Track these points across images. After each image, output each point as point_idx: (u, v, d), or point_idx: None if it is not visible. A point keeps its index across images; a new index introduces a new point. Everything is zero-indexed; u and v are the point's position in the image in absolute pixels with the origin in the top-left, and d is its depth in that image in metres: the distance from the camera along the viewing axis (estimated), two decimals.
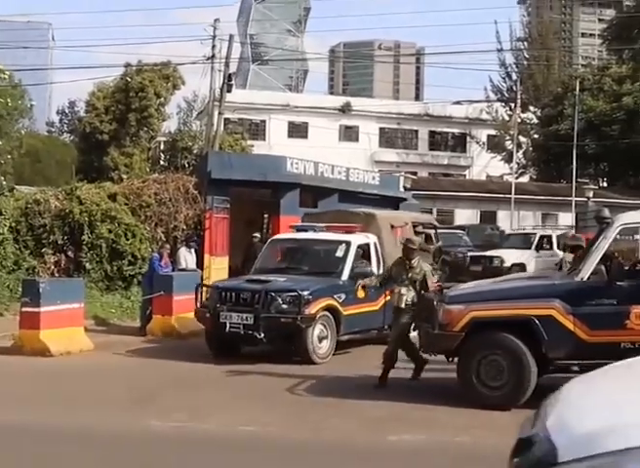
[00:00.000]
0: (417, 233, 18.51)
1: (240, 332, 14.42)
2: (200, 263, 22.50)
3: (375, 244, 16.60)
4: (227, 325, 14.43)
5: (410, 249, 12.72)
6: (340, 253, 16.04)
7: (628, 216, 11.23)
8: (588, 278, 10.48)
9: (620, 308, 10.28)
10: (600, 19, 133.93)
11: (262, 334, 14.19)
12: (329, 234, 16.91)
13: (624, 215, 11.16)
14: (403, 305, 12.37)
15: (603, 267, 10.37)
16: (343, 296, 15.05)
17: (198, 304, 15.65)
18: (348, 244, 16.16)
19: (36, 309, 14.89)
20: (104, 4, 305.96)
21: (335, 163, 28.50)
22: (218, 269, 23.61)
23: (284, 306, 14.40)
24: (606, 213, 11.57)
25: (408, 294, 12.41)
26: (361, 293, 15.05)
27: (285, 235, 19.32)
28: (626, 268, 11.63)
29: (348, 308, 15.05)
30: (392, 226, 17.31)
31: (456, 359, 11.05)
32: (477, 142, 70.41)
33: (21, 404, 10.78)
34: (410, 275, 12.54)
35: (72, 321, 15.53)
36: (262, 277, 15.45)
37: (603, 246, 10.61)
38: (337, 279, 15.54)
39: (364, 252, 16.28)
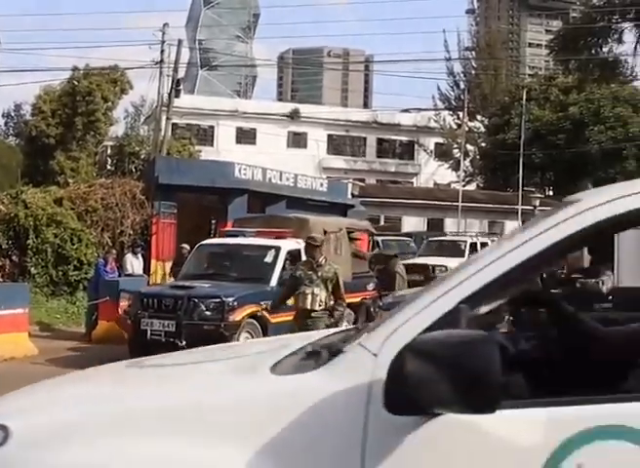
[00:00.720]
0: (352, 239, 18.47)
1: (162, 340, 14.04)
2: (147, 269, 22.47)
3: None
4: (149, 332, 14.15)
5: (313, 246, 11.76)
6: (268, 259, 15.56)
7: None
8: None
9: None
10: (547, 30, 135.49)
11: (184, 342, 13.67)
12: (258, 239, 16.45)
13: None
14: (317, 306, 11.43)
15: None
16: (271, 303, 14.22)
17: (120, 311, 15.44)
18: (278, 249, 15.72)
19: None
20: (52, 7, 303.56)
21: (283, 169, 28.61)
22: (164, 275, 23.59)
23: (207, 313, 14.02)
24: None
25: (321, 294, 11.48)
26: (291, 300, 14.32)
27: (213, 240, 19.04)
28: (561, 277, 11.83)
29: (277, 316, 14.20)
30: (325, 232, 16.68)
31: None
32: (425, 150, 70.91)
33: None
34: (320, 274, 11.55)
35: (16, 326, 15.44)
36: (187, 283, 15.16)
37: None
38: (265, 285, 15.05)
39: (294, 257, 15.59)
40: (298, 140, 71.46)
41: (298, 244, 15.74)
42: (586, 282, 10.71)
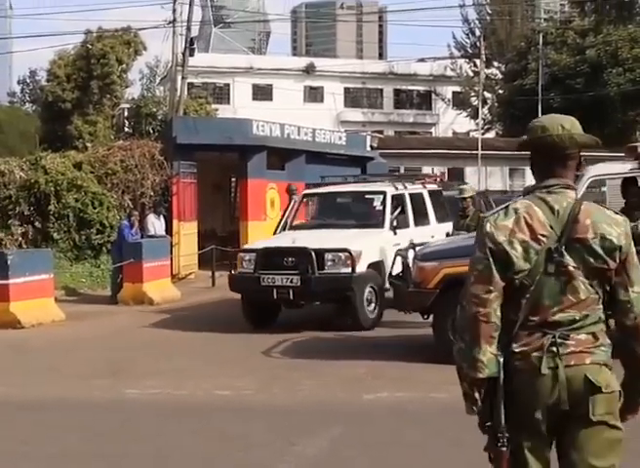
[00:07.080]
0: None
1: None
2: (169, 229, 22.44)
3: None
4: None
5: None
6: None
7: (597, 169, 11.21)
8: None
9: None
10: None
11: None
12: None
13: (594, 168, 11.13)
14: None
15: None
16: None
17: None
18: None
19: (5, 281, 14.78)
20: None
21: (300, 124, 28.39)
22: (187, 235, 23.53)
23: None
24: None
25: None
26: None
27: None
28: None
29: None
30: None
31: (431, 317, 11.01)
32: (442, 99, 70.38)
33: None
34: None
35: (42, 292, 15.44)
36: None
37: None
38: None
39: None
40: (314, 95, 71.07)
41: None
42: None
